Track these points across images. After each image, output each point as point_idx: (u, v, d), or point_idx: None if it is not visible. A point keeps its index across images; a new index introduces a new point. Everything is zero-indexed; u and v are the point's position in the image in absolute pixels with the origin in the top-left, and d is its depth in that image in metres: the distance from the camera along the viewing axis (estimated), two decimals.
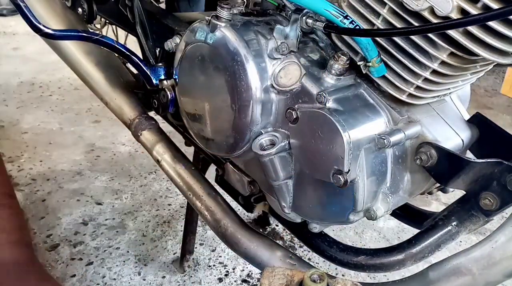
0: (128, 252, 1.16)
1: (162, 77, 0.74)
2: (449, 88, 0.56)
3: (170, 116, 0.79)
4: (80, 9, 0.79)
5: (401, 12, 0.49)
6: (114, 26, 1.05)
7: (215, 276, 1.09)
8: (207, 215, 0.72)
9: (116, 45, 0.72)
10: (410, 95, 0.54)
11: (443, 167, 0.53)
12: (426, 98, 0.55)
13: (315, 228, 0.64)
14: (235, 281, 1.08)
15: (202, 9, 0.98)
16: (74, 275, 1.06)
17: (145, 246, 1.19)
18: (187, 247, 1.12)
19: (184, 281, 1.08)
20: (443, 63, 0.50)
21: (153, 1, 0.84)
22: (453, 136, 0.58)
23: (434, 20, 0.46)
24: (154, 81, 0.74)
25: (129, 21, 0.78)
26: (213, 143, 0.66)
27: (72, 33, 0.73)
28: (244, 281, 1.07)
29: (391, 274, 0.94)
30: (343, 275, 1.00)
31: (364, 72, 0.54)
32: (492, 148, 0.59)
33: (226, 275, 1.10)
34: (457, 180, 0.54)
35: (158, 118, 0.83)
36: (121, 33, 0.98)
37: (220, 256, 1.15)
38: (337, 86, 0.56)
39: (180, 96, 0.70)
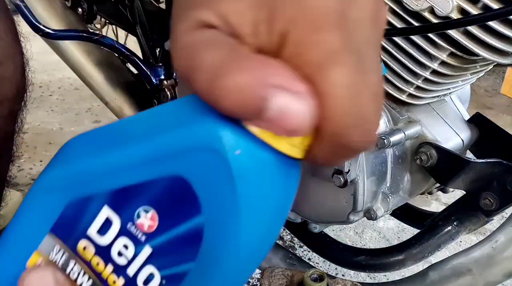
0: None
1: (162, 77, 0.75)
2: (449, 88, 0.56)
3: None
4: (80, 9, 0.79)
5: (401, 12, 0.49)
6: (114, 26, 1.05)
7: None
8: None
9: (116, 45, 0.73)
10: (410, 95, 0.54)
11: (443, 167, 0.53)
12: (426, 98, 0.55)
13: (315, 228, 0.64)
14: None
15: None
16: None
17: None
18: None
19: None
20: (443, 63, 0.50)
21: (153, 1, 0.84)
22: (453, 136, 0.58)
23: (434, 20, 0.46)
24: (154, 81, 0.74)
25: (129, 21, 0.78)
26: None
27: (72, 33, 0.73)
28: None
29: (391, 274, 0.94)
30: (343, 275, 1.00)
31: None
32: (492, 148, 0.59)
33: None
34: (457, 180, 0.54)
35: None
36: (121, 33, 0.98)
37: None
38: None
39: (180, 96, 0.70)
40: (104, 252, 0.24)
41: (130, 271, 0.23)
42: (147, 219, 0.22)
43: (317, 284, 0.48)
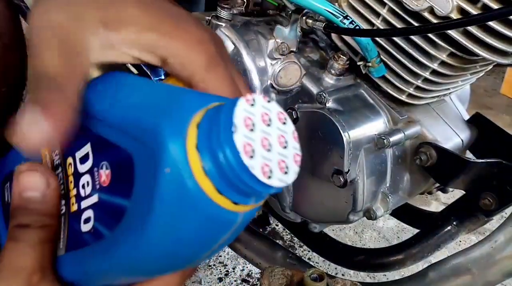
0: None
1: (162, 77, 0.75)
2: (449, 89, 0.56)
3: None
4: None
5: (400, 12, 0.49)
6: None
7: (215, 275, 1.09)
8: None
9: None
10: (410, 95, 0.54)
11: (443, 167, 0.53)
12: (426, 99, 0.55)
13: (315, 227, 0.64)
14: (235, 281, 1.08)
15: (202, 9, 0.98)
16: None
17: None
18: None
19: None
20: (442, 63, 0.50)
21: None
22: (453, 136, 0.58)
23: (434, 20, 0.46)
24: (154, 80, 0.74)
25: None
26: None
27: None
28: (244, 280, 1.08)
29: (390, 273, 0.94)
30: (342, 275, 1.00)
31: (364, 72, 0.54)
32: (491, 148, 0.59)
33: (226, 274, 1.10)
34: (457, 180, 0.54)
35: None
36: None
37: (220, 256, 1.16)
38: (337, 86, 0.56)
39: None
40: (76, 177, 0.27)
41: (82, 204, 0.27)
42: (104, 174, 0.25)
43: (317, 284, 0.48)
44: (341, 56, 0.54)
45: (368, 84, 0.57)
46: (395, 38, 0.51)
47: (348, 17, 0.50)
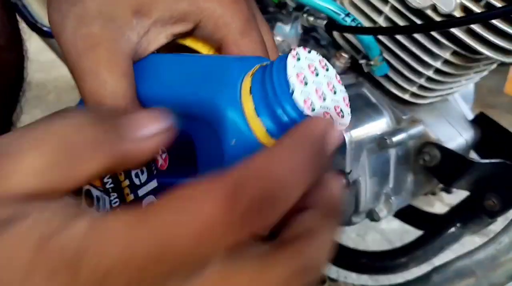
0: None
1: None
2: (452, 88, 0.56)
3: None
4: None
5: (403, 10, 0.48)
6: None
7: None
8: None
9: None
10: (413, 94, 0.53)
11: (447, 167, 0.53)
12: (430, 98, 0.55)
13: None
14: None
15: None
16: None
17: None
18: None
19: None
20: (446, 62, 0.49)
21: None
22: (457, 136, 0.57)
23: (437, 18, 0.45)
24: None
25: None
26: None
27: None
28: None
29: (394, 276, 0.93)
30: (345, 277, 0.99)
31: (366, 71, 0.53)
32: (496, 148, 0.58)
33: None
34: (461, 180, 0.53)
35: None
36: None
37: None
38: None
39: None
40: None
41: (139, 192, 0.27)
42: (161, 159, 0.26)
43: None
44: (343, 54, 0.54)
45: (371, 83, 0.56)
46: (397, 37, 0.50)
47: (350, 15, 0.49)
